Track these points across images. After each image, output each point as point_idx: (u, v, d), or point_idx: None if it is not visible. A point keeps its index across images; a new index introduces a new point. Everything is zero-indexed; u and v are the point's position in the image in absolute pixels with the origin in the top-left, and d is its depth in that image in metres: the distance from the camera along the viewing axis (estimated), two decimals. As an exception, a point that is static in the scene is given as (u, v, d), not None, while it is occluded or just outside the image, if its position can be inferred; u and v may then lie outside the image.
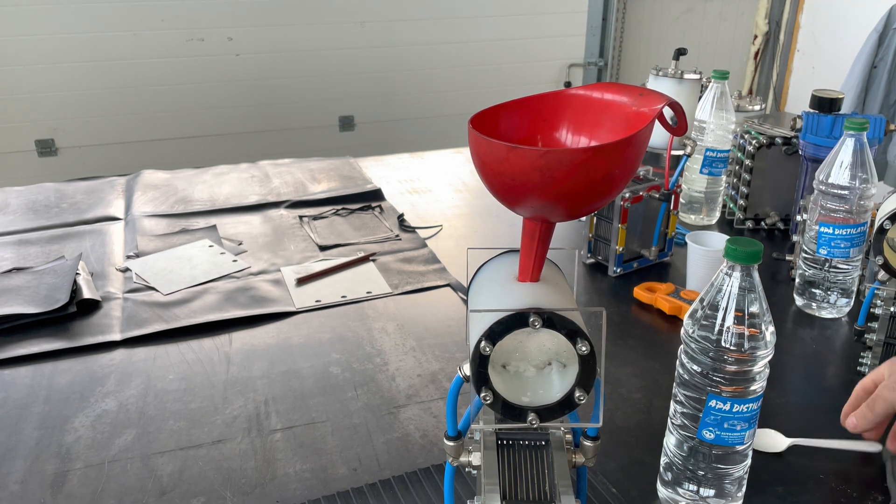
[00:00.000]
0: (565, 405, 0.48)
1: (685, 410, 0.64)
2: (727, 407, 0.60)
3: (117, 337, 0.98)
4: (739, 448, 0.63)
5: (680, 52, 1.42)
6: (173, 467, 0.75)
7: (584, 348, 0.46)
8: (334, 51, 3.29)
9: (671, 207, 1.17)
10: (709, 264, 1.05)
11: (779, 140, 1.29)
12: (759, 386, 0.61)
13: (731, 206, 1.39)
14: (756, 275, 0.58)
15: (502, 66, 3.64)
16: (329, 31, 3.25)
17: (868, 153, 0.95)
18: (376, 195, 1.49)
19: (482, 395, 0.48)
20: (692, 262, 1.08)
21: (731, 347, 0.58)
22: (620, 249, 1.15)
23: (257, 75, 3.20)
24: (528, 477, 0.53)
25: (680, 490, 0.67)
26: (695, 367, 0.61)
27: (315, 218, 1.39)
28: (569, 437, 0.55)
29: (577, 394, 0.48)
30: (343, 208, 1.42)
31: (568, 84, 3.76)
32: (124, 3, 2.90)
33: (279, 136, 3.34)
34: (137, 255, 1.21)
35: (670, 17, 3.70)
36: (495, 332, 0.46)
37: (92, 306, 1.05)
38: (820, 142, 1.18)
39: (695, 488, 0.66)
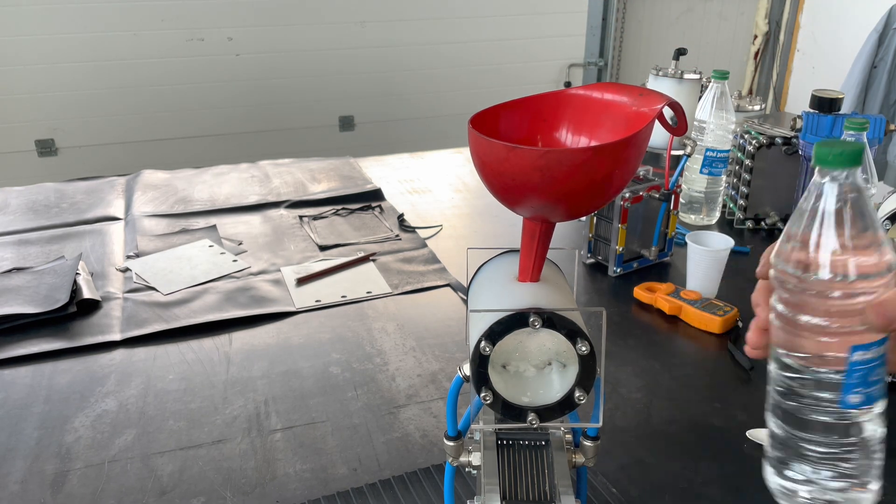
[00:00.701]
0: (565, 405, 0.48)
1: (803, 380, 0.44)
2: (873, 354, 0.42)
3: (117, 337, 0.98)
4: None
5: (680, 52, 1.42)
6: (173, 467, 0.75)
7: (584, 348, 0.46)
8: (334, 51, 3.29)
9: (671, 207, 1.17)
10: (709, 264, 1.06)
11: (779, 140, 1.29)
12: None
13: (731, 206, 1.39)
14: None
15: (502, 66, 3.64)
16: (329, 31, 3.25)
17: (868, 153, 0.95)
18: (376, 195, 1.49)
19: (482, 395, 0.48)
20: (692, 262, 1.08)
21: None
22: (620, 249, 1.15)
23: (257, 75, 3.20)
24: (528, 477, 0.52)
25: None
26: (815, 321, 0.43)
27: (315, 218, 1.39)
28: (569, 437, 0.55)
29: (577, 394, 0.48)
30: (343, 208, 1.42)
31: (568, 84, 3.76)
32: (124, 3, 2.90)
33: (279, 136, 3.34)
34: (137, 255, 1.21)
35: (670, 17, 3.70)
36: (495, 332, 0.46)
37: (92, 306, 1.05)
38: (820, 142, 1.18)
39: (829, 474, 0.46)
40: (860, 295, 0.41)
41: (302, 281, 1.13)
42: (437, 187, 1.58)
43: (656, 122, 0.48)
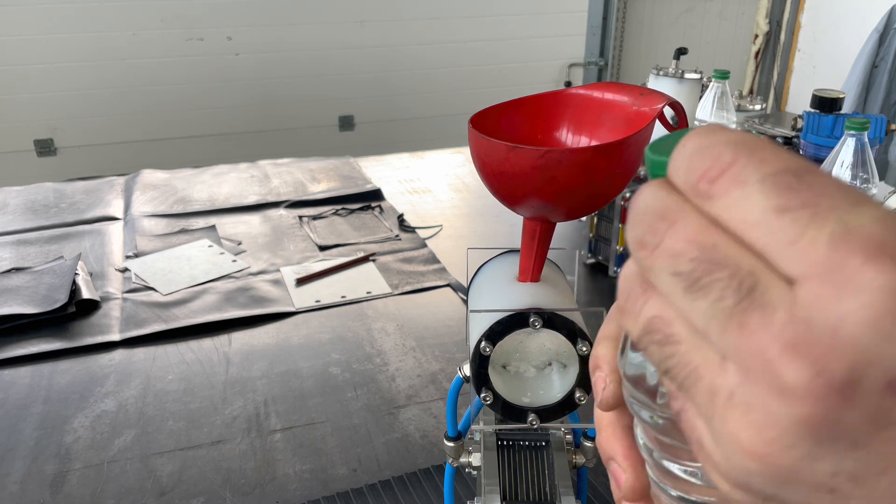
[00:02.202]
0: (565, 406, 0.48)
1: None
2: None
3: (116, 337, 0.98)
4: None
5: (680, 52, 1.42)
6: (173, 468, 0.75)
7: (584, 348, 0.46)
8: (334, 51, 3.29)
9: (671, 207, 1.17)
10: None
11: (779, 140, 1.29)
12: None
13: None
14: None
15: (502, 66, 3.64)
16: (329, 30, 3.25)
17: (869, 153, 0.95)
18: (376, 195, 1.49)
19: (482, 395, 0.47)
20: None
21: None
22: (621, 249, 1.14)
23: (257, 75, 3.20)
24: (528, 477, 0.52)
25: None
26: None
27: (315, 218, 1.38)
28: (569, 437, 0.55)
29: (577, 394, 0.47)
30: (343, 208, 1.42)
31: (568, 84, 3.76)
32: (123, 3, 2.90)
33: (279, 136, 3.34)
34: (137, 255, 1.21)
35: (670, 17, 3.70)
36: (495, 333, 0.46)
37: (91, 306, 1.05)
38: (821, 141, 1.17)
39: None
40: None
41: (301, 281, 1.13)
42: (437, 187, 1.58)
43: (657, 121, 0.48)
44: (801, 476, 0.16)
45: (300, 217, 1.38)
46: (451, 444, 0.53)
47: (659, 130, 0.53)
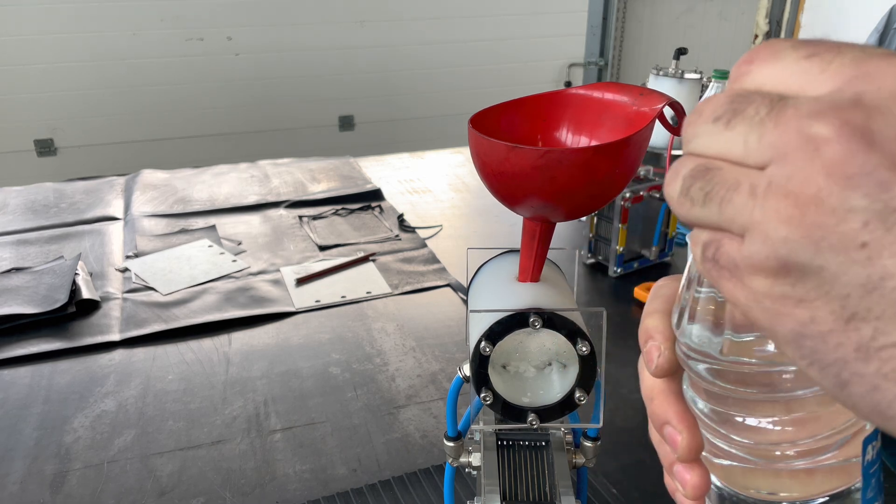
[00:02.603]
0: (565, 406, 0.48)
1: None
2: (879, 441, 0.26)
3: (116, 337, 0.98)
4: None
5: (680, 52, 1.42)
6: (173, 468, 0.75)
7: (584, 349, 0.46)
8: (334, 51, 3.29)
9: (671, 207, 1.16)
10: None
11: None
12: None
13: (732, 205, 1.38)
14: None
15: (502, 66, 3.64)
16: (329, 30, 3.25)
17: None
18: (376, 195, 1.49)
19: (482, 395, 0.47)
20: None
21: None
22: (621, 249, 1.14)
23: (257, 75, 3.20)
24: (528, 477, 0.52)
25: None
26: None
27: (315, 218, 1.38)
28: (569, 437, 0.55)
29: (577, 394, 0.47)
30: (343, 208, 1.42)
31: (568, 84, 3.76)
32: (123, 3, 2.90)
33: (279, 136, 3.34)
34: (137, 255, 1.21)
35: (670, 17, 3.70)
36: (495, 333, 0.46)
37: (91, 306, 1.05)
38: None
39: None
40: None
41: (301, 281, 1.13)
42: (437, 187, 1.58)
43: (657, 121, 0.48)
44: (835, 230, 0.17)
45: (300, 217, 1.38)
46: (451, 444, 0.53)
47: (659, 130, 0.53)
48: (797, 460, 0.25)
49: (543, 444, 0.55)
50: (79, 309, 1.04)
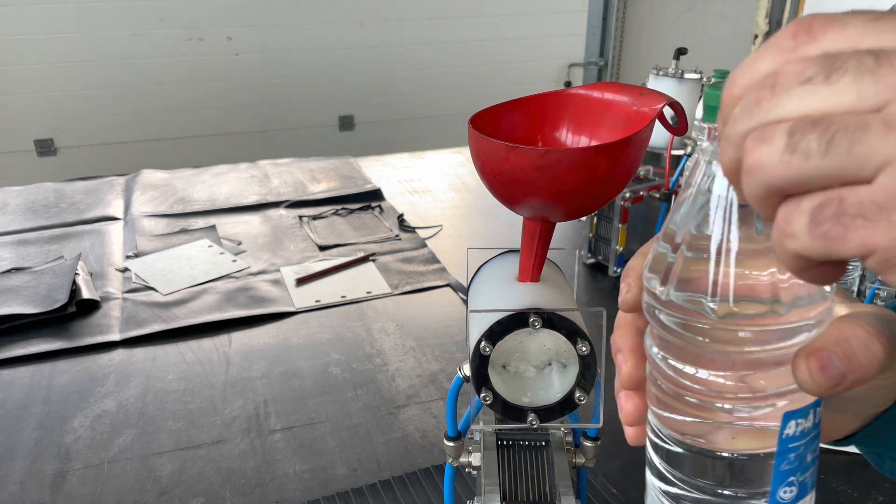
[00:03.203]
0: (565, 405, 0.48)
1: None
2: (811, 423, 0.26)
3: (116, 337, 0.98)
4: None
5: (680, 52, 1.42)
6: (173, 467, 0.75)
7: (584, 348, 0.46)
8: (334, 51, 3.29)
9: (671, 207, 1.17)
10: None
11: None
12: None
13: (732, 205, 1.38)
14: None
15: (502, 66, 3.64)
16: (329, 31, 3.25)
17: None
18: (376, 195, 1.49)
19: (482, 395, 0.47)
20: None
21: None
22: (621, 249, 1.14)
23: (257, 75, 3.20)
24: (528, 477, 0.52)
25: None
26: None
27: (315, 218, 1.38)
28: (569, 437, 0.55)
29: (577, 394, 0.47)
30: (343, 208, 1.42)
31: (568, 84, 3.76)
32: (123, 3, 2.90)
33: (279, 136, 3.34)
34: (137, 255, 1.21)
35: (670, 16, 3.70)
36: (495, 333, 0.46)
37: (91, 306, 1.05)
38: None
39: None
40: (796, 333, 0.24)
41: (301, 281, 1.13)
42: (437, 187, 1.58)
43: (657, 121, 0.48)
44: None
45: (300, 217, 1.38)
46: (451, 443, 0.53)
47: (659, 130, 0.53)
48: (733, 414, 0.26)
49: (543, 444, 0.55)
50: (79, 309, 1.04)
